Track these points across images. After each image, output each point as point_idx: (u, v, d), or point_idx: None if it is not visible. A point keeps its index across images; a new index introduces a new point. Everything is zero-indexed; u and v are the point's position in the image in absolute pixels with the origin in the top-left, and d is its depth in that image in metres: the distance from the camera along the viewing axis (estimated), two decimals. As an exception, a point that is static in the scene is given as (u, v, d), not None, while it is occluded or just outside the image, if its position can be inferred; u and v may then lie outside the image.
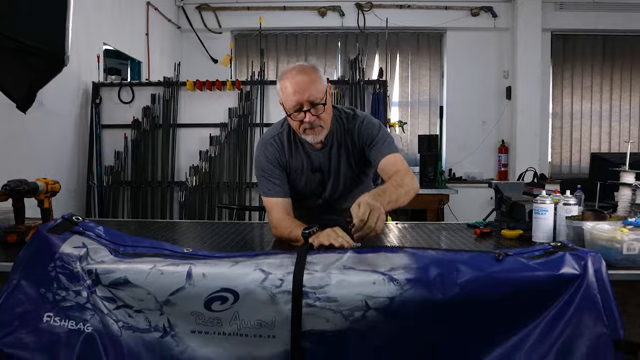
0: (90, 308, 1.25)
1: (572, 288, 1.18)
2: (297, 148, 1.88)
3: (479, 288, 1.17)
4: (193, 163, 4.20)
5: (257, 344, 1.22)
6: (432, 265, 1.20)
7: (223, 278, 1.23)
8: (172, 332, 1.26)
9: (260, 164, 1.89)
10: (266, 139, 1.91)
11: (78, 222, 1.43)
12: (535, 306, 1.19)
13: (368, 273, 1.21)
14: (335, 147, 1.88)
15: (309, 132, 1.75)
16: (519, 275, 1.19)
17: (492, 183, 2.29)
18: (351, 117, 1.88)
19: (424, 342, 1.18)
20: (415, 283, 1.18)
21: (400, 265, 1.22)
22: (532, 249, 1.32)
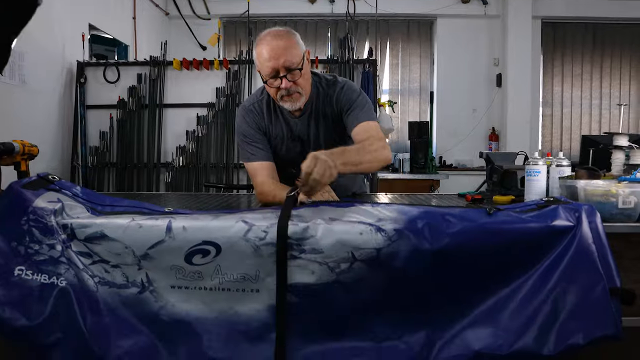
0: (64, 262, 1.19)
1: (566, 239, 1.14)
2: (277, 116, 1.83)
3: (469, 238, 1.13)
4: (180, 143, 4.13)
5: (240, 299, 1.17)
6: (421, 217, 1.16)
7: (204, 230, 1.18)
8: (150, 288, 1.20)
9: (241, 129, 1.84)
10: (245, 106, 1.87)
11: (54, 180, 1.36)
12: (528, 258, 1.15)
13: (354, 224, 1.16)
14: (315, 114, 1.82)
15: (286, 100, 1.70)
16: (511, 226, 1.15)
17: (484, 153, 2.25)
18: (331, 83, 1.82)
19: (412, 293, 1.14)
20: (403, 233, 1.13)
21: (388, 217, 1.18)
22: (524, 204, 1.28)
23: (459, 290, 1.14)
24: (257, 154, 1.80)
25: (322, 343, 1.15)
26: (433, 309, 1.15)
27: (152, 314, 1.19)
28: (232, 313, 1.18)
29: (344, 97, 1.78)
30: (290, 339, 1.14)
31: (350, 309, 1.16)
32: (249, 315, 1.17)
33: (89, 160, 4.16)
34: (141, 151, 4.17)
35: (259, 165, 1.79)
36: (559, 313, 1.09)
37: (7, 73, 3.41)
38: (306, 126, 1.83)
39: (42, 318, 1.17)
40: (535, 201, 1.28)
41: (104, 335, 1.17)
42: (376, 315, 1.15)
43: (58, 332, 1.15)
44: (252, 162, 1.81)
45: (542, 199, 1.31)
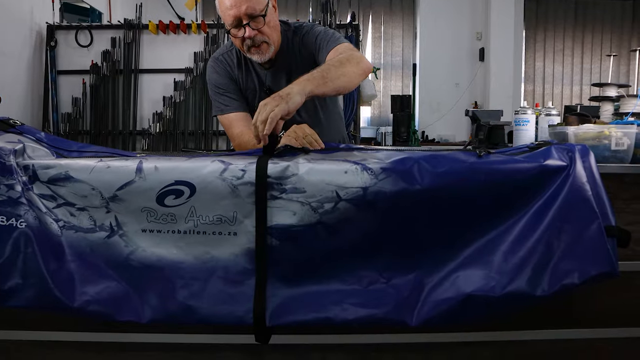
0: (24, 203, 1.09)
1: (559, 179, 1.09)
2: (248, 68, 1.72)
3: (458, 178, 1.07)
4: (156, 110, 4.01)
5: (216, 242, 1.09)
6: (409, 158, 1.09)
7: (178, 170, 1.09)
8: (120, 232, 1.11)
9: (212, 80, 1.73)
10: (215, 57, 1.76)
11: (15, 125, 1.26)
12: (520, 198, 1.09)
13: (339, 162, 1.09)
14: (287, 65, 1.71)
15: (253, 51, 1.59)
16: (502, 166, 1.09)
17: (469, 111, 2.19)
18: (297, 29, 1.70)
19: (400, 235, 1.08)
20: (391, 172, 1.06)
21: (375, 157, 1.10)
22: (515, 147, 1.23)
23: (449, 232, 1.08)
24: (231, 104, 1.69)
25: (304, 286, 1.08)
26: (422, 251, 1.08)
27: (122, 259, 1.11)
28: (209, 258, 1.10)
29: (310, 37, 1.66)
30: (270, 283, 1.07)
31: (334, 252, 1.09)
32: (227, 259, 1.09)
33: (61, 128, 4.01)
34: (116, 118, 4.04)
35: (235, 116, 1.69)
36: (552, 253, 1.04)
37: (-29, 32, 3.25)
38: (278, 77, 1.73)
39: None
40: (527, 144, 1.22)
41: (69, 281, 1.09)
42: (362, 258, 1.09)
43: (17, 277, 1.07)
44: (226, 114, 1.70)
45: (533, 142, 1.25)
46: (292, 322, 1.06)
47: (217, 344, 1.22)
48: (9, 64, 3.69)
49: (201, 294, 1.07)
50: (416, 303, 1.05)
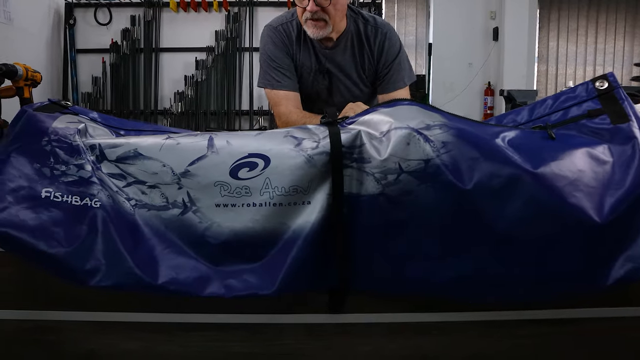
0: (96, 182, 1.05)
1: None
2: (306, 43, 1.69)
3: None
4: (178, 89, 3.96)
5: (291, 212, 1.06)
6: (470, 130, 1.06)
7: (251, 144, 1.06)
8: (193, 208, 1.07)
9: (267, 50, 1.68)
10: (273, 26, 1.69)
11: (68, 106, 1.21)
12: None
13: (402, 130, 1.05)
14: (349, 50, 1.68)
15: (309, 24, 1.56)
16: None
17: (504, 90, 2.17)
18: (371, 25, 1.68)
19: (467, 211, 1.04)
20: (454, 146, 1.03)
21: (437, 124, 1.06)
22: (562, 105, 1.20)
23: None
24: (282, 81, 1.66)
25: (375, 254, 1.08)
26: (487, 229, 1.06)
27: (198, 235, 1.07)
28: (285, 229, 1.08)
29: (386, 49, 1.65)
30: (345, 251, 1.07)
31: (399, 224, 1.07)
32: (302, 228, 1.07)
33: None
34: (137, 97, 3.99)
35: (285, 94, 1.65)
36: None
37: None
38: (337, 60, 1.70)
39: (79, 243, 1.03)
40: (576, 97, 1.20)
41: (149, 260, 1.05)
42: (423, 234, 1.07)
43: (99, 257, 1.02)
44: (276, 90, 1.67)
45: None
46: (368, 289, 1.06)
47: (279, 323, 1.21)
48: (30, 42, 3.64)
49: (281, 267, 1.07)
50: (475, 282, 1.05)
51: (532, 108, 1.25)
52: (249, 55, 3.90)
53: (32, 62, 3.58)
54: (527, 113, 1.26)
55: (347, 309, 1.09)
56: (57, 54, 3.98)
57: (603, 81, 1.19)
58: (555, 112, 1.23)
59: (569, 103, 1.21)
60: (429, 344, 1.17)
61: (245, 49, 3.94)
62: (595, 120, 1.16)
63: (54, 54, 3.95)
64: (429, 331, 1.17)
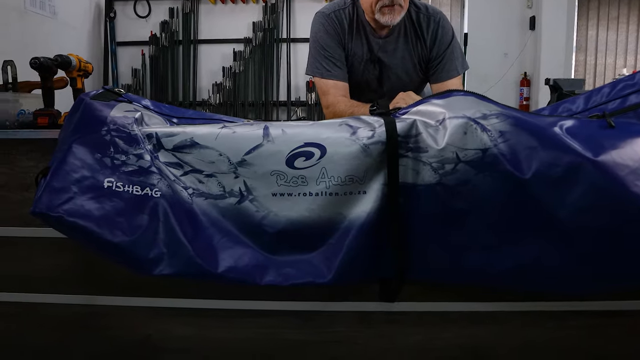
0: (155, 172, 1.06)
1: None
2: (359, 32, 1.67)
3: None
4: (216, 80, 4.00)
5: (347, 202, 1.06)
6: (527, 121, 1.04)
7: (306, 133, 1.06)
8: (250, 197, 1.08)
9: (319, 38, 1.67)
10: (325, 13, 1.68)
11: (122, 93, 1.22)
12: None
13: (458, 120, 1.04)
14: (402, 38, 1.66)
15: (386, 11, 1.53)
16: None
17: (550, 79, 2.13)
18: (423, 11, 1.65)
19: (525, 201, 1.02)
20: (511, 135, 1.02)
21: (493, 113, 1.05)
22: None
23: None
24: (333, 71, 1.65)
25: (432, 244, 1.08)
26: (549, 222, 1.04)
27: (255, 224, 1.08)
28: (342, 218, 1.08)
29: (439, 37, 1.63)
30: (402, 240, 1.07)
31: (455, 215, 1.06)
32: (358, 218, 1.06)
33: (122, 99, 4.05)
34: (176, 89, 4.05)
35: (334, 84, 1.64)
36: None
37: (37, 3, 3.27)
38: (390, 49, 1.67)
39: (141, 232, 1.04)
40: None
41: (208, 248, 1.06)
42: (481, 223, 1.06)
43: (160, 246, 1.03)
44: (325, 79, 1.66)
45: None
46: (424, 278, 1.08)
47: (332, 311, 1.22)
48: (72, 35, 3.72)
49: (337, 256, 1.07)
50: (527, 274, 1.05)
51: (588, 96, 1.22)
52: (286, 46, 3.91)
53: (76, 53, 3.69)
54: (583, 102, 1.24)
55: (399, 298, 1.09)
56: (98, 46, 4.06)
57: None
58: (613, 100, 1.20)
59: (628, 91, 1.18)
60: (481, 333, 1.17)
61: (282, 40, 3.94)
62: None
63: (95, 46, 4.03)
64: (481, 320, 1.17)
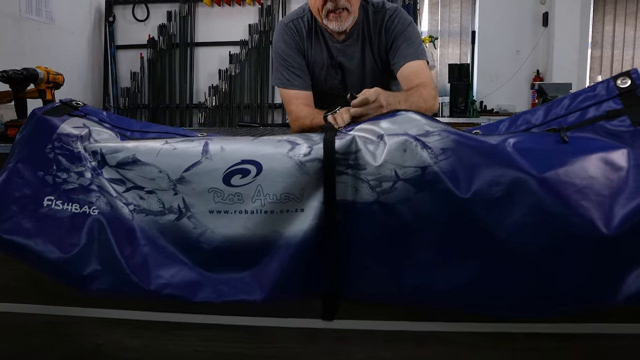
0: (95, 190, 1.08)
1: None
2: (318, 38, 1.65)
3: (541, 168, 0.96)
4: (212, 83, 4.00)
5: (283, 220, 1.05)
6: (472, 138, 0.99)
7: (244, 151, 1.05)
8: (188, 213, 1.08)
9: (279, 49, 1.66)
10: (285, 22, 1.68)
11: (78, 106, 1.25)
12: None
13: (399, 137, 1.00)
14: (360, 41, 1.63)
15: (332, 17, 1.51)
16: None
17: (535, 84, 2.05)
18: (379, 9, 1.62)
19: (465, 220, 0.97)
20: (452, 152, 0.97)
21: (435, 130, 1.01)
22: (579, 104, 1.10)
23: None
24: (293, 80, 1.63)
25: (369, 263, 1.05)
26: (484, 242, 0.99)
27: (192, 241, 1.08)
28: (278, 236, 1.06)
29: (393, 26, 1.59)
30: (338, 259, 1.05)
31: (393, 234, 1.02)
32: (295, 236, 1.04)
33: (121, 102, 4.08)
34: (173, 92, 4.06)
35: (295, 93, 1.63)
36: None
37: (33, 9, 3.30)
38: (350, 53, 1.65)
39: (77, 249, 1.06)
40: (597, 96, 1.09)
41: (143, 265, 1.07)
42: (419, 244, 1.01)
43: (95, 263, 1.05)
44: (287, 89, 1.65)
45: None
46: (361, 297, 1.04)
47: (275, 327, 1.20)
48: (71, 40, 3.76)
49: (271, 274, 1.05)
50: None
51: (549, 108, 1.16)
52: (282, 48, 3.88)
53: (74, 59, 3.75)
54: (543, 113, 1.17)
55: (344, 316, 1.07)
56: (99, 50, 4.10)
57: (625, 78, 1.08)
58: (573, 113, 1.13)
59: (587, 103, 1.12)
60: (425, 354, 1.13)
61: (278, 42, 3.92)
62: (614, 122, 1.07)
63: (95, 50, 4.07)
64: (428, 341, 1.12)
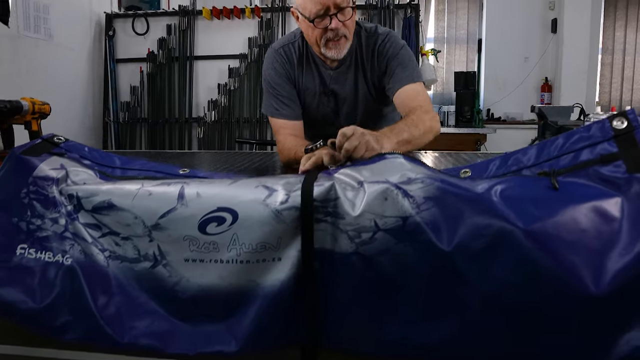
0: (69, 237, 1.05)
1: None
2: (309, 64, 1.61)
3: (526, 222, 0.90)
4: (212, 97, 3.97)
5: (260, 269, 1.01)
6: (458, 186, 0.94)
7: (220, 197, 1.01)
8: (163, 261, 1.05)
9: (268, 76, 1.62)
10: (275, 48, 1.63)
11: (59, 142, 1.23)
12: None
13: (379, 185, 0.95)
14: (353, 68, 1.59)
15: (331, 46, 1.47)
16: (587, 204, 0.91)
17: (536, 107, 1.97)
18: (372, 34, 1.58)
19: (447, 274, 0.92)
20: (436, 202, 0.92)
21: (419, 177, 0.95)
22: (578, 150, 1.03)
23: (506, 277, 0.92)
24: (281, 109, 1.59)
25: (348, 313, 1.00)
26: (466, 296, 0.94)
27: (167, 290, 1.05)
28: (254, 286, 1.02)
29: (385, 50, 1.55)
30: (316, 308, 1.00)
31: (372, 287, 0.98)
32: (272, 286, 1.01)
33: (121, 116, 4.05)
34: (172, 106, 4.04)
35: (283, 123, 1.59)
36: None
37: (32, 27, 3.29)
38: (342, 80, 1.60)
39: (49, 300, 1.03)
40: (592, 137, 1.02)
41: (117, 316, 1.05)
42: (399, 296, 0.97)
43: (67, 314, 1.02)
44: (275, 119, 1.60)
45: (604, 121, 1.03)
46: (341, 348, 0.97)
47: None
48: (70, 56, 3.76)
49: (246, 325, 1.01)
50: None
51: (541, 148, 1.10)
52: (281, 62, 3.84)
53: (74, 75, 3.74)
54: (535, 154, 1.11)
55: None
56: (99, 64, 4.09)
57: (621, 119, 1.01)
58: (566, 155, 1.08)
59: (581, 144, 1.05)
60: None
61: (278, 55, 3.88)
62: (608, 167, 1.01)
63: (95, 64, 4.06)
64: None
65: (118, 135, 4.06)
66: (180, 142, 4.06)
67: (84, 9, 3.89)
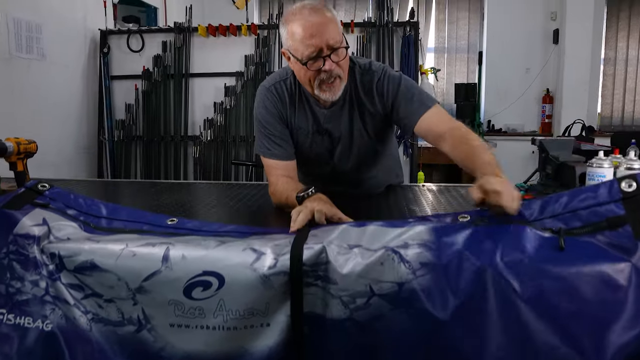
0: (49, 301, 1.02)
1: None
2: (302, 103, 1.55)
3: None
4: (208, 116, 3.91)
5: (248, 336, 0.98)
6: (456, 253, 0.92)
7: (206, 260, 0.98)
8: (148, 326, 1.01)
9: (259, 115, 1.56)
10: (266, 86, 1.57)
11: (44, 190, 1.19)
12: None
13: (374, 252, 0.94)
14: (347, 106, 1.53)
15: (325, 88, 1.41)
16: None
17: (536, 139, 1.89)
18: (366, 70, 1.52)
19: (443, 343, 0.90)
20: (432, 268, 0.90)
21: (416, 242, 0.94)
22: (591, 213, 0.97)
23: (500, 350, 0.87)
24: (274, 150, 1.53)
25: None
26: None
27: (152, 355, 1.00)
28: (242, 352, 0.98)
29: (386, 91, 1.50)
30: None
31: (365, 353, 0.95)
32: (261, 352, 0.98)
33: (115, 135, 4.00)
34: (168, 124, 3.99)
35: (275, 163, 1.53)
36: None
37: (24, 47, 3.24)
38: (337, 119, 1.54)
39: None
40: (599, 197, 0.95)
41: None
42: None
43: None
44: (267, 159, 1.54)
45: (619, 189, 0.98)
46: None
47: None
48: (64, 74, 3.72)
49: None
50: None
51: (545, 204, 1.04)
52: (278, 80, 3.79)
53: (68, 93, 3.70)
54: (538, 209, 1.06)
55: None
56: (93, 81, 4.04)
57: (631, 181, 0.98)
58: (571, 213, 1.03)
59: (587, 203, 1.01)
60: None
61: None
62: (615, 232, 0.96)
63: (89, 82, 4.01)
64: None
65: (113, 154, 4.01)
66: (176, 161, 4.00)
67: (78, 26, 3.84)
